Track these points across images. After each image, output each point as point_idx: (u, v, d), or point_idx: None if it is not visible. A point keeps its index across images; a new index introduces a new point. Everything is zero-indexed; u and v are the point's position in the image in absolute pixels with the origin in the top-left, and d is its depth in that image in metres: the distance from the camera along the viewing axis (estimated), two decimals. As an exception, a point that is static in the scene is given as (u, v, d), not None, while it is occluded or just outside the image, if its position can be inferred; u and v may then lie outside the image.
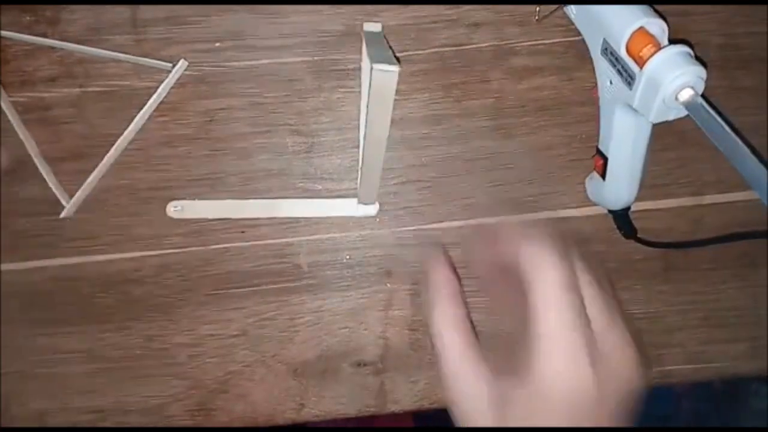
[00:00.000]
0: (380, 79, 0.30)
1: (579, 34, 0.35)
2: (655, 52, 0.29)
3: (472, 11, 0.38)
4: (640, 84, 0.30)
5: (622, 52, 0.31)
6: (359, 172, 0.37)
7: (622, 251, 0.39)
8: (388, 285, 0.39)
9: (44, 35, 0.38)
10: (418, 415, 0.85)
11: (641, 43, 0.30)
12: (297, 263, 0.39)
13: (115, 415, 0.38)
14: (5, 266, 0.39)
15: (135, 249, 0.38)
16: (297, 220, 0.39)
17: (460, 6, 0.38)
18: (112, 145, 0.38)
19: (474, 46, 0.38)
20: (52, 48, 0.38)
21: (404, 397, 0.39)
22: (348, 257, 0.39)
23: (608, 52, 0.32)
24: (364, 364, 0.39)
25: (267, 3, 0.38)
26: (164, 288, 0.38)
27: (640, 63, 0.30)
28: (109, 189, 0.38)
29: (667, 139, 0.39)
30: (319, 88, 0.38)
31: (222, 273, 0.39)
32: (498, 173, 0.39)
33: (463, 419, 0.27)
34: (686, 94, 0.29)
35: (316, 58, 0.38)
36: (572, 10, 0.35)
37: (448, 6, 0.38)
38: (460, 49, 0.38)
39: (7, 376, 0.39)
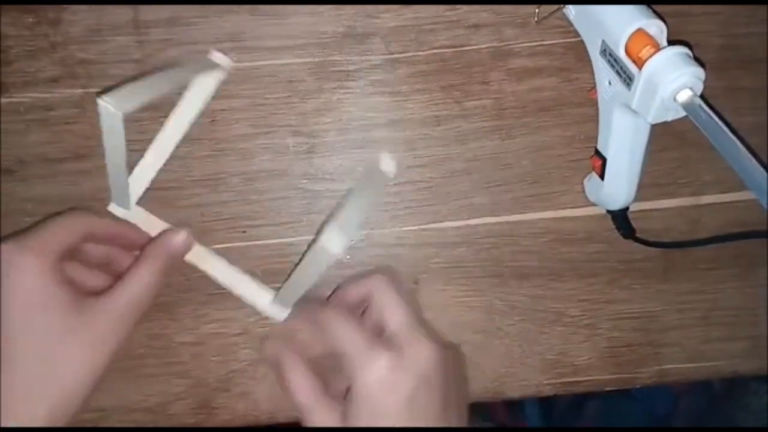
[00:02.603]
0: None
1: (578, 35, 0.35)
2: (654, 53, 0.29)
3: (472, 12, 0.38)
4: (639, 85, 0.30)
5: (621, 53, 0.31)
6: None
7: (622, 251, 0.40)
8: (389, 285, 0.39)
9: (46, 36, 0.38)
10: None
11: (640, 44, 0.30)
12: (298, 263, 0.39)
13: (118, 414, 0.39)
14: (7, 266, 0.39)
15: (137, 249, 0.39)
16: (298, 219, 0.39)
17: (460, 7, 0.38)
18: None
19: (474, 47, 0.39)
20: (54, 48, 0.38)
21: (404, 396, 0.39)
22: (348, 257, 0.39)
23: (607, 53, 0.32)
24: (365, 364, 0.39)
25: (267, 4, 0.38)
26: (166, 287, 0.39)
27: (639, 64, 0.30)
28: (110, 189, 0.39)
29: (666, 139, 0.39)
30: (319, 89, 0.39)
31: (223, 273, 0.39)
32: (498, 173, 0.39)
33: None
34: (685, 95, 0.29)
35: (316, 59, 0.38)
36: (571, 11, 0.35)
37: (448, 7, 0.38)
38: (460, 50, 0.39)
39: (9, 375, 0.39)
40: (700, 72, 0.29)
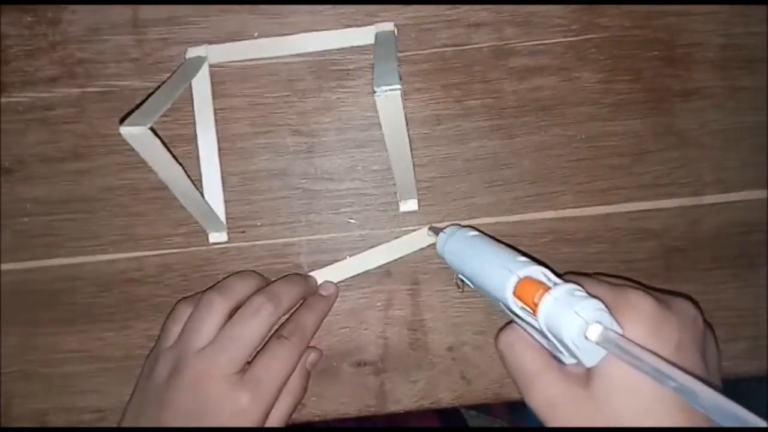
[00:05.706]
0: (384, 101, 0.29)
1: (579, 34, 0.35)
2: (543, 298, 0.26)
3: (472, 11, 0.38)
4: (547, 334, 0.26)
5: (517, 309, 0.28)
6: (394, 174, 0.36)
7: (623, 251, 0.39)
8: (388, 285, 0.39)
9: (45, 35, 0.38)
10: (443, 413, 0.85)
11: (529, 294, 0.26)
12: (297, 263, 0.39)
13: (116, 415, 0.38)
14: (5, 266, 0.39)
15: (136, 249, 0.38)
16: (298, 219, 0.39)
17: (460, 6, 0.38)
18: (113, 145, 0.38)
19: (474, 46, 0.39)
20: (53, 48, 0.38)
21: (404, 397, 0.39)
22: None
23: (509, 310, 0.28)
24: (364, 364, 0.39)
25: (267, 3, 0.38)
26: (165, 288, 0.38)
27: (534, 312, 0.26)
28: (110, 189, 0.39)
29: (666, 139, 0.39)
30: (319, 88, 0.38)
31: (222, 273, 0.39)
32: (498, 173, 0.39)
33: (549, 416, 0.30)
34: (596, 332, 0.24)
35: (316, 58, 0.38)
36: (469, 284, 0.33)
37: (448, 6, 0.38)
38: (460, 49, 0.39)
39: (7, 376, 0.39)
40: (597, 303, 0.25)
